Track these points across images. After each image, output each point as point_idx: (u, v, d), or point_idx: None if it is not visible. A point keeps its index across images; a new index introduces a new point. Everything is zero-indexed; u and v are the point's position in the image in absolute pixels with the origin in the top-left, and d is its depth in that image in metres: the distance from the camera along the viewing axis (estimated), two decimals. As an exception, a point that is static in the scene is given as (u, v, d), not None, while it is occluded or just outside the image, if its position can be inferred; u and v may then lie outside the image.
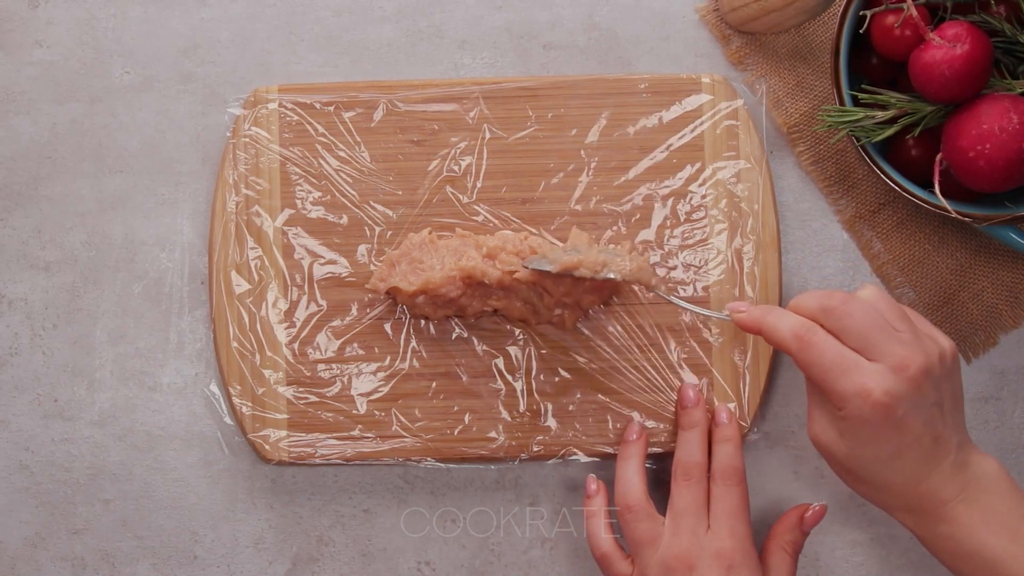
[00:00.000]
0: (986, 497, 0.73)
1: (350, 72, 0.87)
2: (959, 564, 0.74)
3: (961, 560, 0.73)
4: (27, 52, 0.87)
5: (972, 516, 0.73)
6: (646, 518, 0.80)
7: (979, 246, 0.86)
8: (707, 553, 0.78)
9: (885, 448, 0.72)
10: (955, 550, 0.73)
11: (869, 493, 0.75)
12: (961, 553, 0.73)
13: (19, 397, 0.86)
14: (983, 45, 0.75)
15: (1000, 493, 0.74)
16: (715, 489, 0.80)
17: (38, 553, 0.85)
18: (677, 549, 0.78)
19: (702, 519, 0.79)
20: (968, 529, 0.73)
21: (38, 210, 0.86)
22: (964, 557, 0.73)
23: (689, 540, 0.78)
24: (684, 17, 0.87)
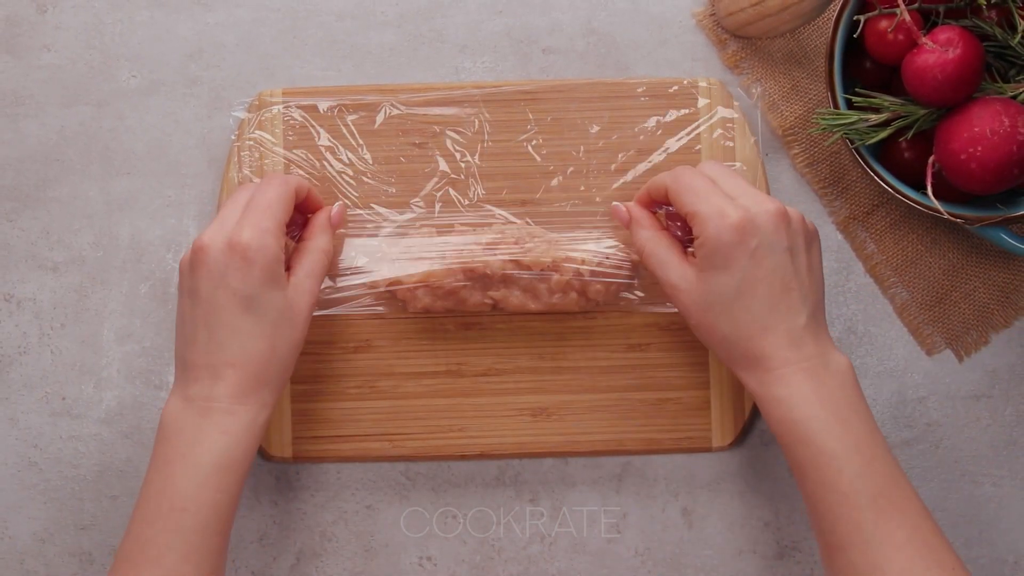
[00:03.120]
0: (827, 378, 0.74)
1: (353, 76, 0.87)
2: (785, 433, 0.74)
3: (787, 428, 0.74)
4: (35, 56, 0.87)
5: (807, 387, 0.74)
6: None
7: (971, 247, 0.87)
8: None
9: (734, 278, 0.74)
10: (783, 416, 0.74)
11: (720, 342, 0.76)
12: (788, 420, 0.73)
13: (28, 395, 0.87)
14: (975, 49, 0.76)
15: (842, 383, 0.74)
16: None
17: (46, 548, 0.86)
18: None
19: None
20: (801, 396, 0.73)
21: (46, 212, 0.87)
22: (790, 425, 0.73)
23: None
24: (681, 22, 0.88)
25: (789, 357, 0.74)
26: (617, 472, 0.86)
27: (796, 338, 0.74)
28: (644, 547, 0.86)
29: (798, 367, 0.74)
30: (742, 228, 0.74)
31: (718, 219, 0.74)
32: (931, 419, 0.87)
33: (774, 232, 0.74)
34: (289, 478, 0.86)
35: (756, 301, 0.74)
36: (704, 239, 0.75)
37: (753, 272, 0.74)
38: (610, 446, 0.85)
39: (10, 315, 0.87)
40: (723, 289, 0.75)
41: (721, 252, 0.74)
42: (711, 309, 0.76)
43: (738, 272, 0.74)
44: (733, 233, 0.74)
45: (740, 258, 0.74)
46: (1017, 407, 0.87)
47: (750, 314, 0.75)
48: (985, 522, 0.86)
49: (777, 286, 0.74)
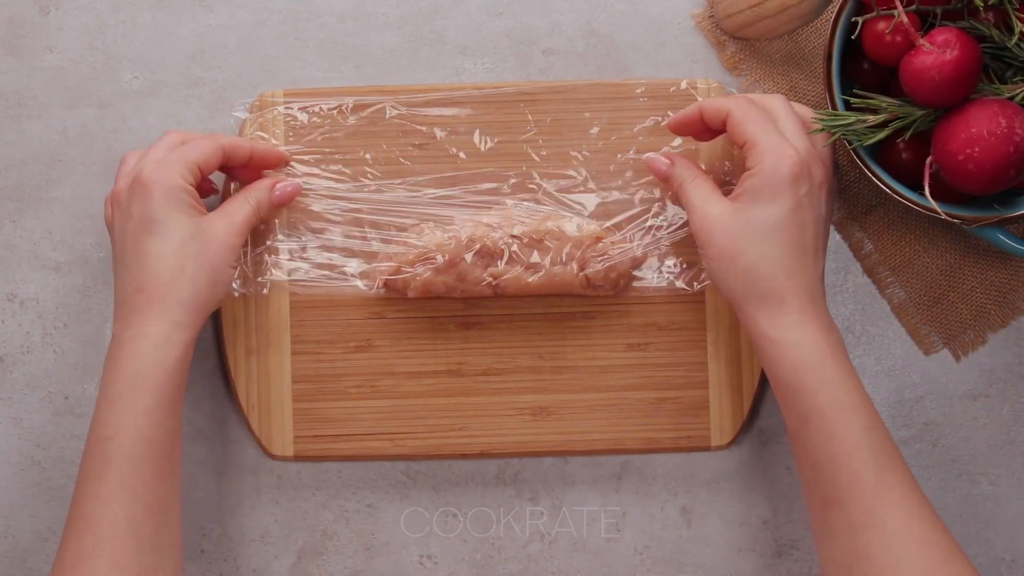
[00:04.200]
0: (833, 337, 0.75)
1: (354, 77, 0.88)
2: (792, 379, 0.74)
3: (796, 374, 0.74)
4: (38, 57, 0.88)
5: (820, 336, 0.75)
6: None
7: (968, 247, 0.87)
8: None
9: (779, 211, 0.75)
10: (795, 361, 0.74)
11: (740, 273, 0.75)
12: (800, 366, 0.74)
13: (31, 395, 0.87)
14: (972, 51, 0.76)
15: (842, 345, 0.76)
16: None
17: (49, 547, 0.86)
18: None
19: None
20: (815, 345, 0.74)
21: (49, 212, 0.87)
22: (800, 371, 0.74)
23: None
24: (680, 23, 0.88)
25: (805, 306, 0.75)
26: (616, 471, 0.87)
27: (813, 291, 0.76)
28: (643, 545, 0.87)
29: (813, 316, 0.75)
30: (798, 172, 0.76)
31: (778, 154, 0.76)
32: (929, 418, 0.87)
33: (819, 192, 0.77)
34: (290, 477, 0.87)
35: (790, 242, 0.76)
36: (759, 169, 0.76)
37: (795, 215, 0.76)
38: (609, 445, 0.85)
39: (13, 315, 0.87)
40: (763, 220, 0.76)
41: (772, 187, 0.76)
42: (743, 237, 0.76)
43: (782, 210, 0.76)
44: (789, 173, 0.76)
45: (788, 198, 0.76)
46: (1014, 406, 0.87)
47: (781, 251, 0.76)
48: (982, 521, 0.87)
49: (809, 237, 0.76)
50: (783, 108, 0.79)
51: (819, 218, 0.77)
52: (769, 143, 0.76)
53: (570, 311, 0.85)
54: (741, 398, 0.85)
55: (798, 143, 0.77)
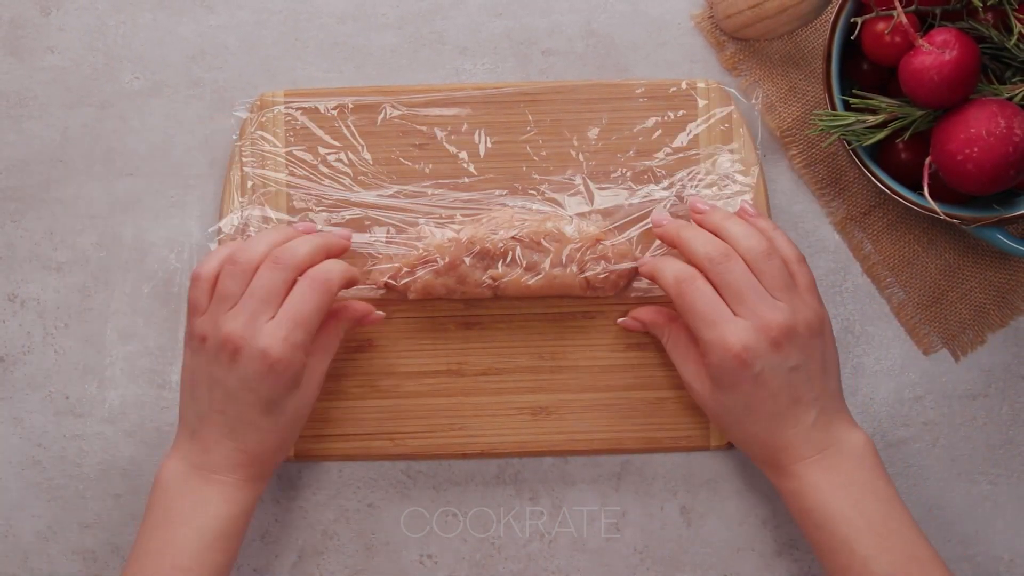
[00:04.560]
0: (843, 464, 0.77)
1: (354, 77, 0.88)
2: (803, 521, 0.77)
3: (804, 517, 0.77)
4: (39, 58, 0.88)
5: (819, 476, 0.76)
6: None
7: (967, 247, 0.87)
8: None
9: (741, 399, 0.77)
10: (800, 506, 0.77)
11: (737, 442, 0.81)
12: (804, 509, 0.77)
13: (32, 394, 0.87)
14: (971, 51, 0.76)
15: (858, 464, 0.77)
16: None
17: (50, 546, 0.87)
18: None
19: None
20: (813, 488, 0.76)
21: (50, 212, 0.88)
22: (806, 514, 0.77)
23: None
24: (680, 24, 0.88)
25: (801, 454, 0.77)
26: (616, 471, 0.87)
27: (806, 437, 0.77)
28: (643, 545, 0.87)
29: (810, 461, 0.77)
30: (744, 359, 0.76)
31: (720, 349, 0.76)
32: (928, 418, 0.87)
33: (777, 355, 0.76)
34: (291, 476, 0.87)
35: (763, 417, 0.77)
36: (709, 363, 0.77)
37: (758, 394, 0.77)
38: (609, 445, 0.86)
39: (14, 315, 0.87)
40: (731, 407, 0.78)
41: (726, 378, 0.77)
42: (723, 419, 0.80)
43: (743, 395, 0.77)
44: (735, 364, 0.76)
45: (743, 384, 0.77)
46: (1013, 406, 0.87)
47: (757, 427, 0.78)
48: (981, 520, 0.87)
49: (784, 401, 0.77)
50: (737, 275, 0.77)
51: (794, 372, 0.76)
52: (709, 337, 0.76)
53: (570, 311, 0.86)
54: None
55: (745, 309, 0.76)
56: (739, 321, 0.76)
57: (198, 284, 0.78)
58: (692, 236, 0.79)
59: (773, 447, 0.78)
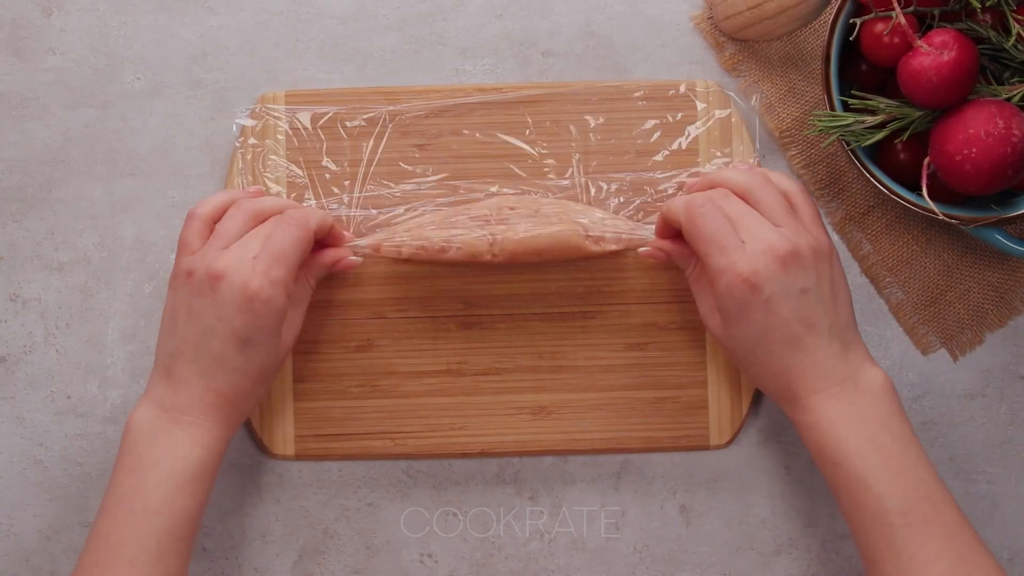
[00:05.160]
0: (860, 399, 0.75)
1: (354, 78, 0.88)
2: (818, 456, 0.76)
3: (819, 452, 0.76)
4: (41, 59, 0.88)
5: (836, 411, 0.75)
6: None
7: (965, 247, 0.88)
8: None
9: (753, 327, 0.76)
10: (816, 441, 0.76)
11: (753, 379, 0.79)
12: (820, 444, 0.76)
13: (33, 394, 0.87)
14: (969, 52, 0.76)
15: (875, 401, 0.76)
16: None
17: (52, 545, 0.87)
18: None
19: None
20: (829, 423, 0.75)
21: (51, 212, 0.88)
22: (821, 449, 0.76)
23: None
24: (679, 25, 0.89)
25: (817, 386, 0.76)
26: (616, 470, 0.87)
27: (823, 368, 0.76)
28: (643, 544, 0.87)
29: (827, 394, 0.76)
30: (751, 283, 0.75)
31: (728, 275, 0.75)
32: (926, 417, 0.88)
33: (785, 278, 0.75)
34: (292, 476, 0.87)
35: (777, 345, 0.76)
36: (718, 293, 0.77)
37: (770, 321, 0.75)
38: (609, 444, 0.86)
39: (16, 315, 0.88)
40: (743, 339, 0.77)
41: (734, 308, 0.76)
42: (737, 354, 0.78)
43: (755, 324, 0.76)
44: (744, 289, 0.75)
45: (754, 311, 0.75)
46: (1012, 406, 0.88)
47: (772, 357, 0.76)
48: (980, 519, 0.87)
49: (797, 327, 0.76)
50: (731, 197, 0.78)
51: (804, 295, 0.75)
52: (717, 264, 0.76)
53: (569, 311, 0.86)
54: (740, 398, 0.86)
55: (753, 237, 0.76)
56: (747, 247, 0.75)
57: (193, 223, 0.79)
58: (689, 197, 0.79)
59: (788, 378, 0.76)
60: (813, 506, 0.87)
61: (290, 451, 0.86)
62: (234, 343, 0.76)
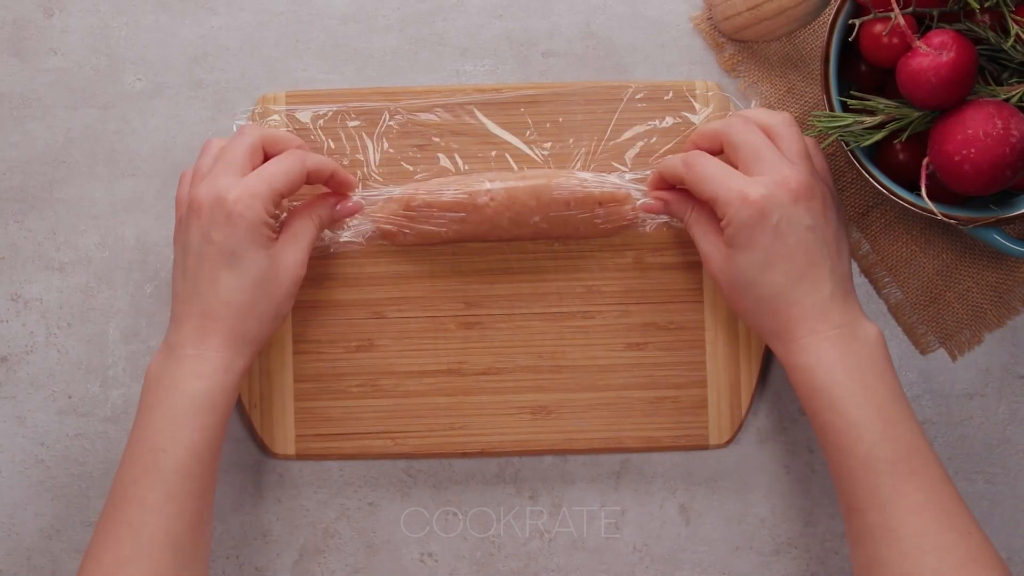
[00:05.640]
0: (854, 345, 0.75)
1: (355, 79, 0.88)
2: (808, 399, 0.76)
3: (810, 394, 0.76)
4: (42, 59, 0.88)
5: (833, 354, 0.75)
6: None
7: (964, 247, 0.88)
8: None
9: (758, 252, 0.76)
10: (809, 383, 0.76)
11: (750, 312, 0.78)
12: (811, 387, 0.75)
13: (35, 394, 0.88)
14: (968, 53, 0.76)
15: (870, 351, 0.76)
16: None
17: (53, 544, 0.87)
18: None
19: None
20: (826, 366, 0.75)
21: (53, 213, 0.88)
22: (813, 391, 0.75)
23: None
24: (679, 26, 0.89)
25: (815, 327, 0.76)
26: (616, 469, 0.87)
27: (823, 309, 0.76)
28: (642, 543, 0.87)
29: (824, 336, 0.76)
30: (762, 207, 0.75)
31: (738, 202, 0.76)
32: (925, 417, 0.88)
33: (795, 209, 0.76)
34: (292, 475, 0.87)
35: (781, 276, 0.76)
36: (727, 221, 0.77)
37: (776, 249, 0.76)
38: (609, 444, 0.86)
39: (17, 315, 0.88)
40: (748, 266, 0.77)
41: (744, 232, 0.76)
42: (739, 282, 0.78)
43: (761, 250, 0.76)
44: (754, 213, 0.75)
45: (763, 236, 0.76)
46: (1010, 405, 0.88)
47: (775, 289, 0.76)
48: (979, 519, 0.85)
49: (801, 261, 0.76)
50: (736, 134, 0.79)
51: (810, 231, 0.76)
52: (726, 195, 0.76)
53: (569, 311, 0.86)
54: (739, 397, 0.86)
55: (762, 171, 0.77)
56: (756, 177, 0.76)
57: (206, 152, 0.80)
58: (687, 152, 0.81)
59: (787, 315, 0.76)
60: (812, 506, 0.87)
61: (291, 451, 0.86)
62: (221, 260, 0.76)
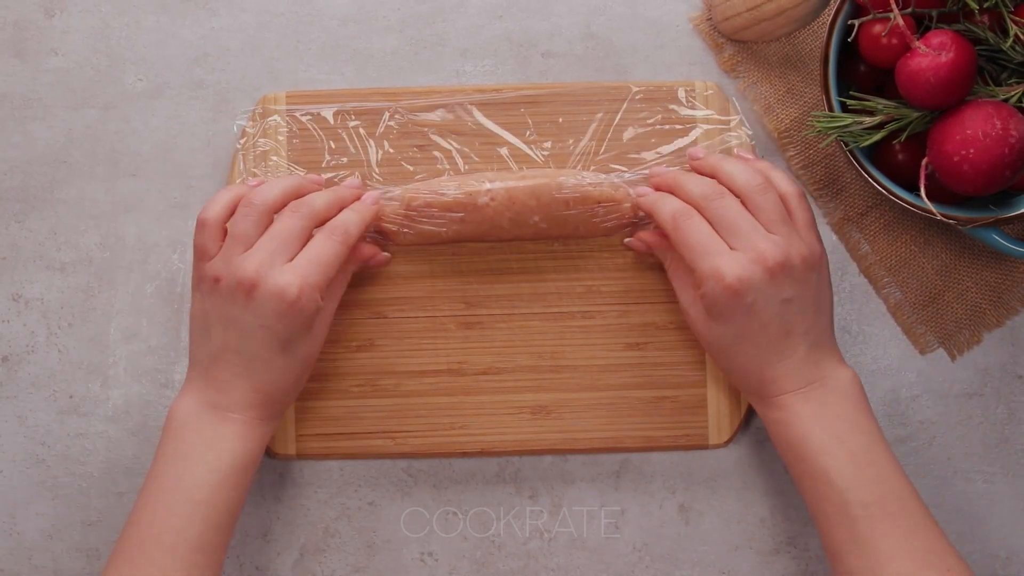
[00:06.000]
0: (828, 398, 0.78)
1: (355, 79, 0.89)
2: (784, 451, 0.79)
3: (787, 447, 0.78)
4: (43, 60, 0.89)
5: (804, 408, 0.77)
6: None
7: (963, 247, 0.88)
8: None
9: (733, 329, 0.78)
10: (784, 436, 0.78)
11: (726, 372, 0.82)
12: (787, 440, 0.78)
13: (36, 393, 0.88)
14: (967, 53, 0.77)
15: (842, 399, 0.78)
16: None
17: (54, 544, 0.87)
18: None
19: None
20: (799, 419, 0.77)
21: (54, 213, 0.88)
22: (789, 444, 0.78)
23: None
24: (678, 26, 0.89)
25: (788, 386, 0.78)
26: (615, 469, 0.87)
27: (795, 372, 0.78)
28: (642, 543, 0.87)
29: (797, 394, 0.78)
30: (736, 290, 0.76)
31: (714, 281, 0.77)
32: (924, 417, 0.88)
33: (770, 286, 0.77)
34: (293, 475, 0.88)
35: (753, 348, 0.78)
36: (703, 294, 0.78)
37: (750, 324, 0.78)
38: (608, 443, 0.86)
39: (18, 314, 0.88)
40: (722, 337, 0.79)
41: (718, 308, 0.78)
42: (715, 348, 0.80)
43: (735, 326, 0.78)
44: (728, 294, 0.77)
45: (736, 314, 0.77)
46: (1009, 405, 0.88)
47: (747, 358, 0.79)
48: (977, 518, 0.87)
49: (774, 333, 0.78)
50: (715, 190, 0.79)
51: (786, 304, 0.77)
52: (703, 268, 0.78)
53: (569, 311, 0.86)
54: (739, 397, 0.86)
55: (741, 244, 0.77)
56: (734, 253, 0.77)
57: (206, 229, 0.79)
58: (688, 179, 0.81)
59: (761, 378, 0.79)
60: (812, 505, 0.87)
61: (291, 450, 0.86)
62: (276, 346, 0.77)
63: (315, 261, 0.78)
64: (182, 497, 0.76)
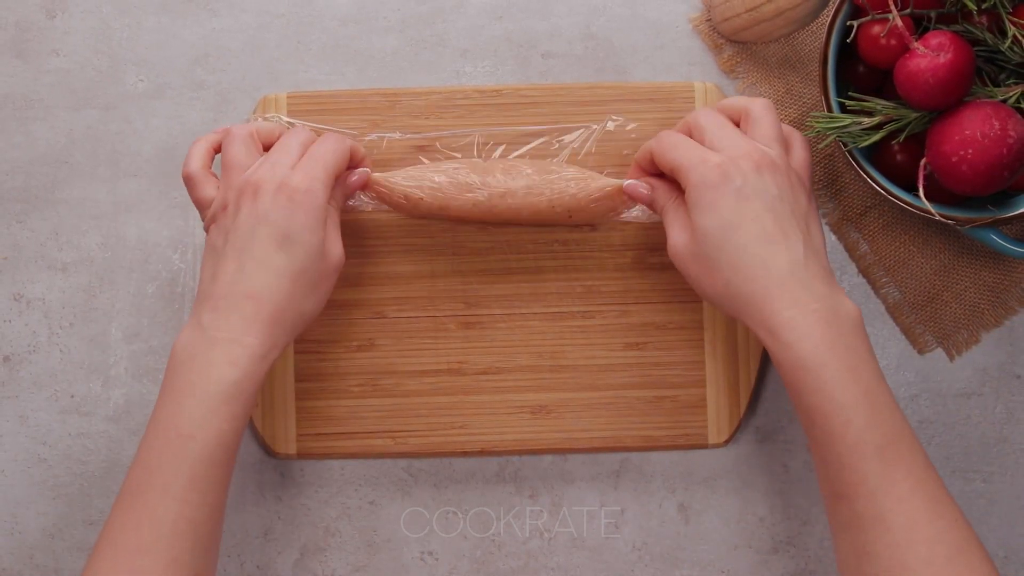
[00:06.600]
0: (837, 324, 0.72)
1: (356, 80, 0.89)
2: (794, 380, 0.72)
3: (796, 375, 0.72)
4: (44, 61, 0.89)
5: (817, 331, 0.71)
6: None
7: (962, 247, 0.88)
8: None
9: (723, 214, 0.74)
10: (793, 362, 0.72)
11: (725, 289, 0.74)
12: (798, 367, 0.72)
13: (37, 393, 0.88)
14: (966, 54, 0.77)
15: (852, 329, 0.73)
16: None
17: (55, 543, 0.87)
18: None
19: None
20: (811, 343, 0.71)
21: (55, 213, 0.88)
22: (800, 372, 0.72)
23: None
24: (678, 27, 0.89)
25: (798, 297, 0.72)
26: (615, 468, 0.88)
27: (802, 276, 0.73)
28: (641, 542, 0.87)
29: (808, 310, 0.72)
30: (723, 169, 0.74)
31: (700, 165, 0.75)
32: (923, 416, 0.88)
33: (758, 177, 0.74)
34: (293, 474, 0.88)
35: (748, 237, 0.73)
36: (689, 187, 0.75)
37: (741, 211, 0.74)
38: (608, 443, 0.86)
39: (20, 314, 0.88)
40: (712, 230, 0.74)
41: (707, 195, 0.74)
42: (704, 253, 0.75)
43: (725, 212, 0.74)
44: (715, 174, 0.74)
45: (725, 197, 0.74)
46: (1007, 405, 0.88)
47: (746, 252, 0.73)
48: (976, 518, 0.87)
49: (770, 224, 0.74)
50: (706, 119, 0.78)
51: (778, 200, 0.74)
52: (687, 160, 0.76)
53: (569, 311, 0.86)
54: (738, 396, 0.86)
55: (727, 147, 0.76)
56: (723, 152, 0.76)
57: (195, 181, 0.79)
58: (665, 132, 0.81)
59: (765, 279, 0.73)
60: (811, 504, 0.87)
61: (292, 450, 0.86)
62: (273, 240, 0.75)
63: (316, 159, 0.77)
64: (172, 432, 0.73)
